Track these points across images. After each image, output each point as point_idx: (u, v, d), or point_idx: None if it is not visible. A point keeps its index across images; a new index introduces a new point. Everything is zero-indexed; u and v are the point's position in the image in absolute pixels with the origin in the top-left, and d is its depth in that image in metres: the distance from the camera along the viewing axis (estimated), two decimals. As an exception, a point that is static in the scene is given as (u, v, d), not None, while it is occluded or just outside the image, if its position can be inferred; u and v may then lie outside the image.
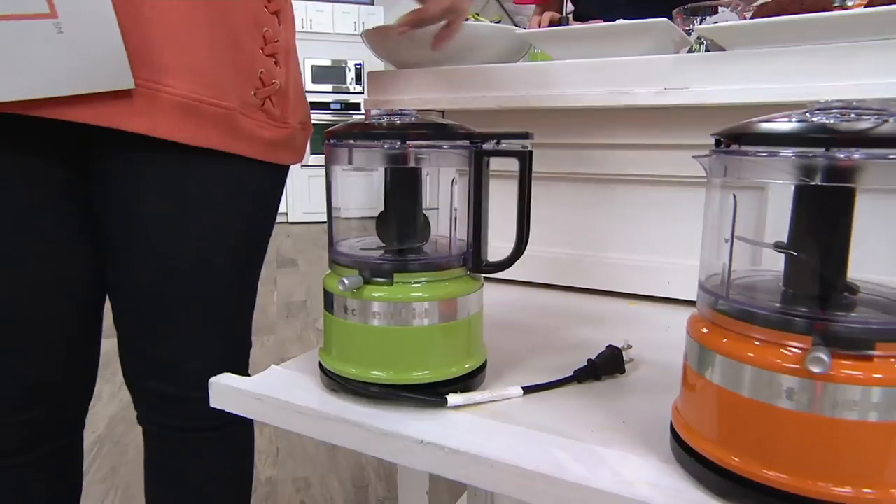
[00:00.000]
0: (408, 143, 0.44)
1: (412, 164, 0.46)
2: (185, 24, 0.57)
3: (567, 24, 1.10)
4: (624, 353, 0.53)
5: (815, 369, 0.31)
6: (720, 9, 0.82)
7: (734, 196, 0.37)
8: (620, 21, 0.72)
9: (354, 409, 0.47)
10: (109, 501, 1.44)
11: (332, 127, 0.48)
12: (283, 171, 0.72)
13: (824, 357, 0.30)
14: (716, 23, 0.79)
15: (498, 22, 0.83)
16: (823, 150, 0.32)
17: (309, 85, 5.40)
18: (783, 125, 0.33)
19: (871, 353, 0.32)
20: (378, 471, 1.57)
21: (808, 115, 0.33)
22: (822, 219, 0.35)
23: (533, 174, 0.85)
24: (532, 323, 0.70)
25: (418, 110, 0.82)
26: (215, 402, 0.52)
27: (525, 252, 0.84)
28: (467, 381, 0.50)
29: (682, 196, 0.74)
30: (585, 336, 0.64)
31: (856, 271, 0.37)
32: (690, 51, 0.82)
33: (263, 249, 0.75)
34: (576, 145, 0.78)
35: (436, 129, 0.46)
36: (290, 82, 0.69)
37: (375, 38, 0.81)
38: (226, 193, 0.65)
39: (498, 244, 0.52)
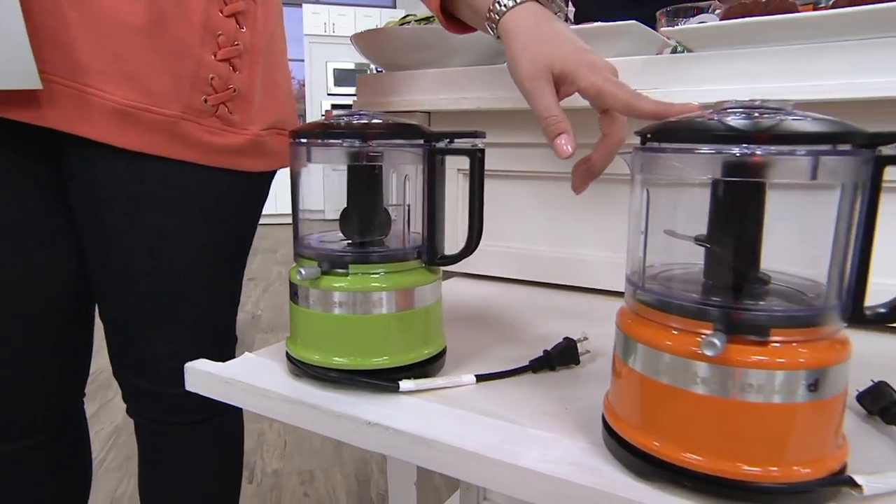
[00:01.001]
0: (361, 141, 0.47)
1: (365, 161, 0.48)
2: (120, 33, 0.59)
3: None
4: (579, 344, 0.55)
5: (709, 352, 0.32)
6: (703, 11, 0.84)
7: (647, 191, 0.38)
8: (597, 24, 0.73)
9: (314, 392, 0.50)
10: (122, 488, 1.50)
11: (296, 127, 0.50)
12: (249, 177, 0.72)
13: (716, 342, 0.32)
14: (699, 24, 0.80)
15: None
16: (727, 146, 0.33)
17: (331, 88, 5.48)
18: (693, 124, 0.35)
19: (766, 338, 0.33)
20: (381, 465, 1.60)
21: (715, 115, 0.35)
22: (732, 213, 0.36)
23: (515, 174, 0.87)
24: (505, 317, 0.72)
25: (404, 112, 0.85)
26: (189, 385, 0.55)
27: (509, 250, 0.86)
28: (425, 368, 0.52)
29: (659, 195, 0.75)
30: (554, 330, 0.66)
31: (776, 263, 0.39)
32: (674, 51, 0.83)
33: (236, 252, 0.76)
34: (556, 145, 0.80)
35: (390, 129, 0.49)
36: (254, 87, 0.69)
37: (363, 41, 0.84)
38: (179, 197, 0.66)
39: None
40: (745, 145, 0.33)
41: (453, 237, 0.91)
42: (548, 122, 0.50)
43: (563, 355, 0.55)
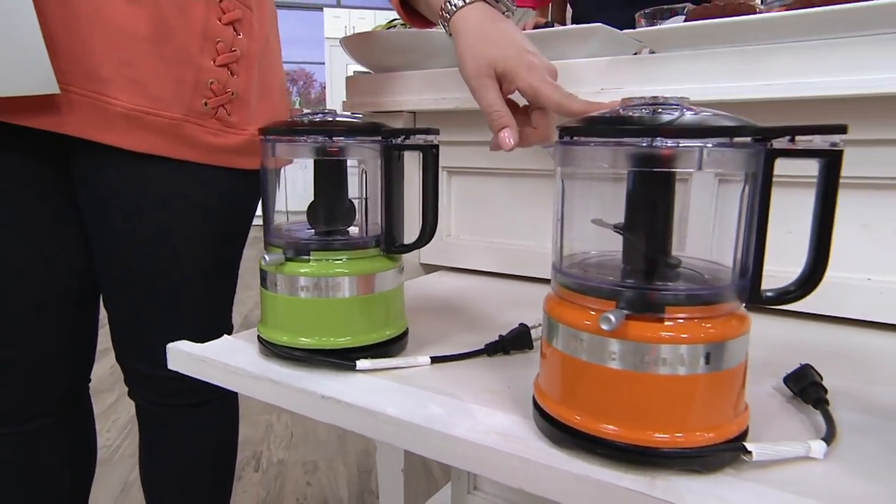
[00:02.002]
0: (321, 138, 0.51)
1: (325, 156, 0.52)
2: (127, 42, 0.64)
3: (553, 27, 1.14)
4: (533, 330, 0.58)
5: (605, 327, 0.35)
6: (678, 13, 0.86)
7: (563, 182, 0.41)
8: (570, 26, 0.77)
9: (279, 370, 0.54)
10: (135, 474, 1.56)
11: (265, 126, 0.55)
12: (245, 175, 0.77)
13: (612, 318, 0.35)
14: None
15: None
16: (631, 139, 0.36)
17: (352, 89, 5.54)
18: (602, 119, 0.38)
19: (662, 315, 0.36)
20: (383, 457, 1.64)
21: (621, 110, 0.38)
22: (640, 202, 0.39)
23: (494, 171, 0.90)
24: (476, 307, 0.75)
25: (390, 112, 0.89)
26: (172, 364, 0.60)
27: (490, 244, 0.89)
28: (385, 348, 0.56)
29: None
30: (519, 318, 0.69)
31: (692, 249, 0.42)
32: (652, 52, 0.86)
33: (233, 246, 0.81)
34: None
35: (349, 126, 0.53)
36: (250, 90, 0.74)
37: (352, 44, 0.88)
38: (180, 195, 0.71)
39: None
40: (643, 138, 0.36)
41: (437, 232, 0.95)
42: (492, 118, 0.54)
43: (517, 340, 0.58)
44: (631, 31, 0.69)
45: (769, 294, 0.38)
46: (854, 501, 0.35)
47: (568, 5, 1.47)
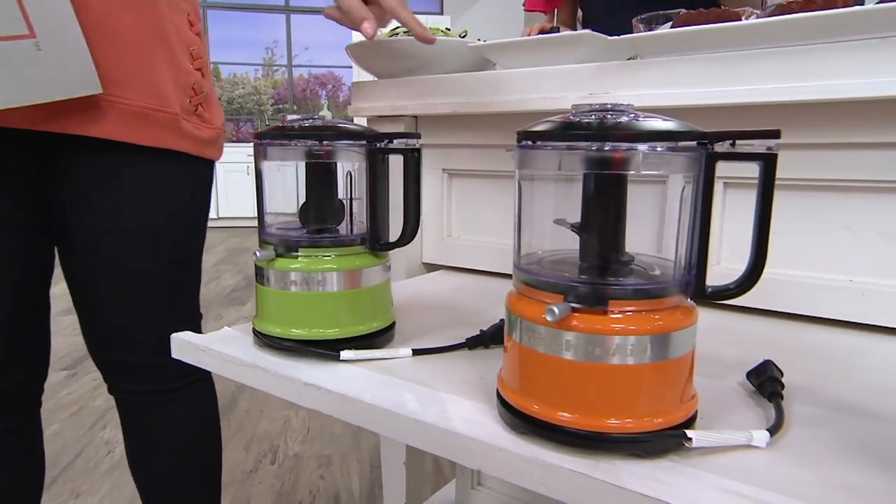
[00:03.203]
0: (308, 142, 0.55)
1: (310, 159, 0.56)
2: (136, 49, 0.70)
3: (559, 31, 1.16)
4: (513, 325, 0.61)
5: (549, 318, 0.38)
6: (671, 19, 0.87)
7: (520, 184, 0.44)
8: (562, 33, 0.79)
9: (270, 359, 0.57)
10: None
11: (261, 129, 0.58)
12: (213, 165, 0.86)
13: (556, 310, 0.38)
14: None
15: (463, 36, 0.91)
16: (578, 143, 0.39)
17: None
18: (553, 124, 0.41)
19: (606, 308, 0.39)
20: (395, 453, 1.67)
21: (570, 116, 0.40)
22: (593, 202, 0.42)
23: (491, 173, 0.92)
24: (467, 304, 0.78)
25: (392, 116, 0.92)
26: (175, 353, 0.64)
27: (487, 245, 0.91)
28: (372, 340, 0.59)
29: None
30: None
31: (648, 248, 0.44)
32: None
33: (203, 233, 0.87)
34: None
35: (336, 131, 0.56)
36: (212, 91, 0.83)
37: (356, 51, 0.91)
38: (168, 183, 0.78)
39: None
40: (590, 143, 0.38)
41: (437, 232, 0.98)
42: (352, 15, 0.67)
43: (497, 335, 0.60)
44: (616, 37, 0.71)
45: (711, 290, 0.40)
46: (789, 487, 0.36)
47: (578, 9, 1.49)
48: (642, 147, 0.38)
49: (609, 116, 0.39)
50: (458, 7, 6.40)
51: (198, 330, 0.87)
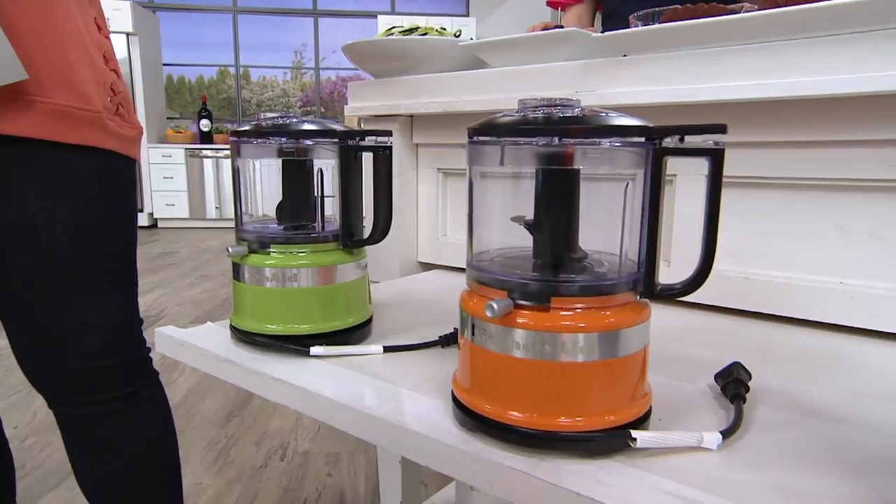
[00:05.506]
0: (281, 140, 0.55)
1: (282, 156, 0.56)
2: (58, 51, 0.70)
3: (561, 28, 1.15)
4: (487, 324, 0.60)
5: (488, 314, 0.38)
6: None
7: (470, 181, 0.44)
8: (548, 31, 0.78)
9: (242, 354, 0.58)
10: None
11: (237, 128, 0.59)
12: (135, 164, 0.84)
13: (495, 305, 0.37)
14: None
15: (457, 35, 0.91)
16: (521, 138, 0.39)
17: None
18: (502, 120, 0.40)
19: (547, 304, 0.38)
20: (403, 453, 1.68)
21: (519, 113, 0.40)
22: (542, 198, 0.41)
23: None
24: (453, 303, 0.77)
25: (387, 115, 0.92)
26: (158, 347, 0.65)
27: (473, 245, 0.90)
28: (346, 336, 0.60)
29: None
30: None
31: (604, 245, 0.43)
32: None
33: (135, 232, 0.85)
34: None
35: (309, 129, 0.56)
36: (128, 92, 0.83)
37: (352, 50, 0.92)
38: (96, 181, 0.76)
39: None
40: (536, 138, 0.38)
41: (432, 232, 0.98)
42: None
43: (471, 333, 0.60)
44: (602, 34, 0.70)
45: (661, 288, 0.39)
46: (730, 490, 0.35)
47: (599, 2, 1.47)
48: (588, 142, 0.37)
49: (555, 111, 0.39)
50: (485, 8, 6.39)
51: (140, 332, 0.85)
